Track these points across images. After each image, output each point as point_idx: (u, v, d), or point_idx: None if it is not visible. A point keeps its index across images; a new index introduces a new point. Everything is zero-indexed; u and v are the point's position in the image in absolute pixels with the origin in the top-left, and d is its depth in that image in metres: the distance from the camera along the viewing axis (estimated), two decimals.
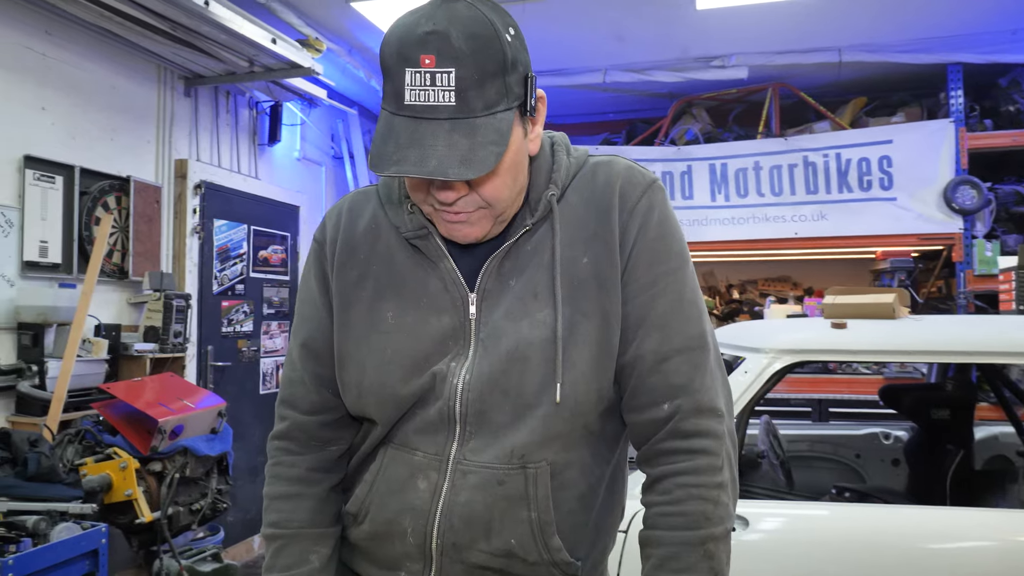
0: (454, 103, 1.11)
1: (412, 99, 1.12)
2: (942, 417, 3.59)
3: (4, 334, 3.93)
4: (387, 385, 1.29)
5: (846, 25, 5.67)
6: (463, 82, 1.11)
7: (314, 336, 1.39)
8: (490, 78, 1.13)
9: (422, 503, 1.28)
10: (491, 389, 1.25)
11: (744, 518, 2.64)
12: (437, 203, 1.21)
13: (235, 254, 5.62)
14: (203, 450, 3.71)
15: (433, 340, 1.29)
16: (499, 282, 1.29)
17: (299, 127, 6.61)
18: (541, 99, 1.27)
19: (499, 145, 1.14)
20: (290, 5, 5.12)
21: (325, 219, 1.44)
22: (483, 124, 1.13)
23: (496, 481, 1.25)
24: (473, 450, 1.26)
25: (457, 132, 1.12)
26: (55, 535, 2.81)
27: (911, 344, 2.85)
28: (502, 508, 1.25)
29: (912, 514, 2.78)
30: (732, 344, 3.08)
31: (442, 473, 1.27)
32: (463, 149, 1.11)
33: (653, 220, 1.29)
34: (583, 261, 1.28)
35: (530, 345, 1.25)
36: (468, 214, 1.22)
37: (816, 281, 7.56)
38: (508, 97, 1.16)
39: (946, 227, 6.06)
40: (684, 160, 6.75)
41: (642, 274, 1.27)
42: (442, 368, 1.27)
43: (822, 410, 5.70)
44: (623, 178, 1.31)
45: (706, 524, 1.21)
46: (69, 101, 4.38)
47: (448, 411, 1.26)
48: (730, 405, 1.32)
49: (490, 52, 1.13)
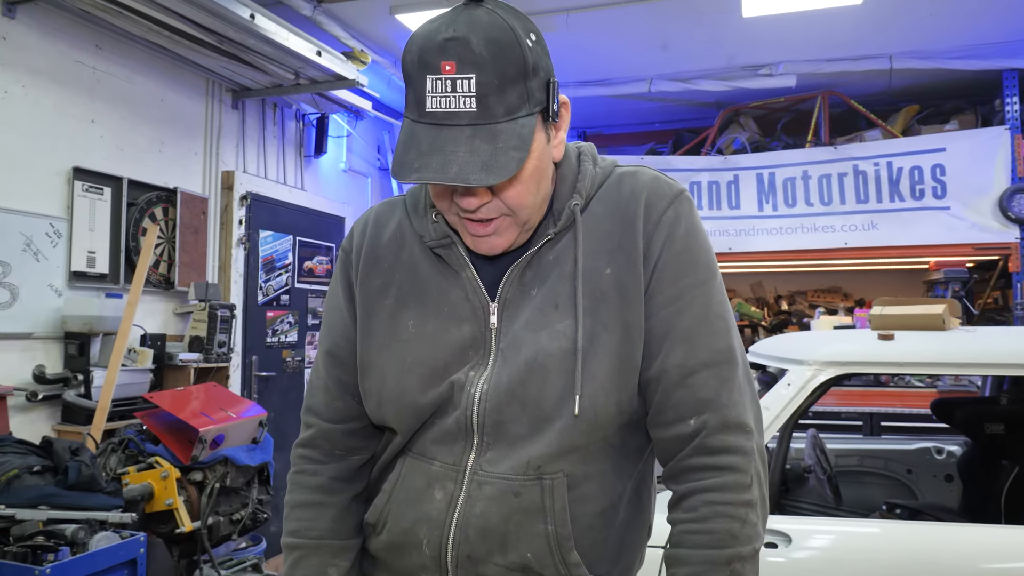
0: (475, 109, 1.10)
1: (433, 106, 1.11)
2: (996, 432, 3.46)
3: (51, 343, 4.00)
4: (406, 394, 1.28)
5: (896, 31, 5.55)
6: (484, 87, 1.10)
7: (339, 344, 1.39)
8: (511, 83, 1.12)
9: (438, 513, 1.26)
10: (509, 399, 1.23)
11: (786, 534, 2.57)
12: (461, 211, 1.20)
13: (280, 265, 5.68)
14: (244, 460, 3.72)
15: (452, 349, 1.28)
16: (520, 292, 1.28)
17: (345, 139, 6.68)
18: (564, 105, 1.25)
19: (521, 150, 1.12)
20: (335, 18, 5.17)
21: (352, 229, 1.44)
22: (505, 130, 1.12)
23: (512, 492, 1.23)
24: (490, 461, 1.25)
25: (478, 138, 1.11)
26: (94, 544, 2.84)
27: (961, 356, 2.75)
28: (518, 520, 1.23)
29: (965, 532, 2.68)
30: (775, 356, 3.01)
31: (458, 483, 1.26)
32: (484, 155, 1.10)
33: (679, 232, 1.26)
34: (606, 272, 1.25)
35: (549, 356, 1.23)
36: (493, 222, 1.21)
37: (867, 292, 7.40)
38: (530, 102, 1.15)
39: (1002, 236, 5.89)
40: (731, 169, 6.66)
41: (668, 286, 1.25)
42: (460, 377, 1.26)
43: (873, 424, 5.57)
44: (649, 189, 1.29)
45: (733, 543, 1.17)
46: (118, 114, 4.46)
47: (466, 420, 1.25)
48: (759, 421, 1.27)
49: (511, 57, 1.12)
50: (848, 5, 5.00)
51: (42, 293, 3.95)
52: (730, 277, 7.70)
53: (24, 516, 2.81)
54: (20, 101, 3.90)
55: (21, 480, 2.96)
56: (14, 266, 3.81)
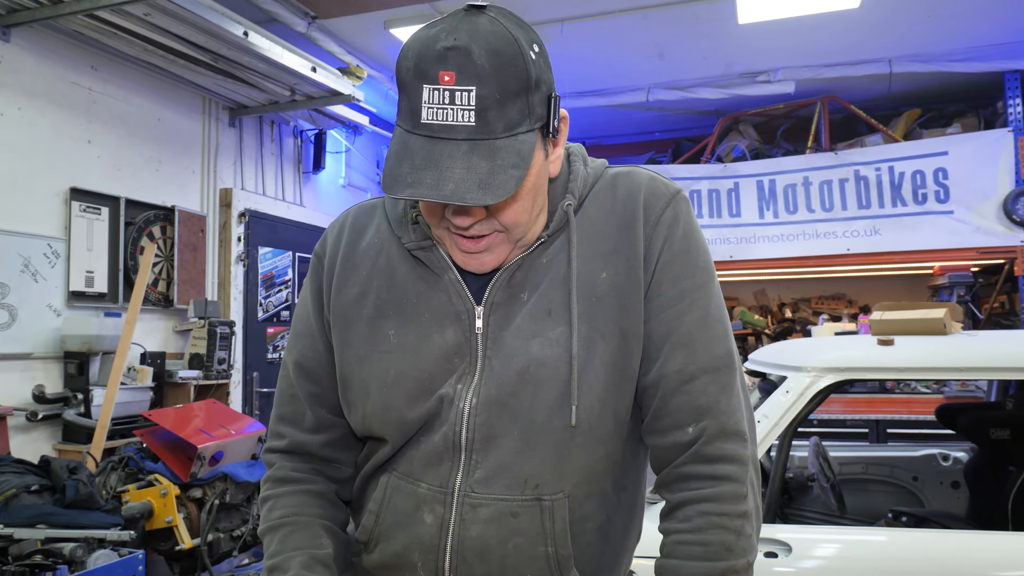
0: (474, 123, 1.05)
1: (429, 117, 1.05)
2: (1002, 437, 3.42)
3: (51, 363, 4.00)
4: (392, 409, 1.21)
5: (895, 35, 5.53)
6: (484, 101, 1.04)
7: (307, 355, 1.32)
8: (512, 98, 1.06)
9: (430, 538, 1.20)
10: (499, 412, 1.17)
11: (786, 543, 2.53)
12: (453, 227, 1.15)
13: (280, 281, 5.67)
14: (243, 476, 3.70)
15: (436, 358, 1.21)
16: (509, 296, 1.21)
17: (344, 154, 6.68)
18: (564, 120, 1.19)
19: (520, 169, 1.07)
20: (330, 33, 5.17)
21: (326, 233, 1.37)
22: (503, 146, 1.07)
23: (510, 513, 1.17)
24: (480, 481, 1.18)
25: (476, 154, 1.05)
26: (92, 562, 2.82)
27: (962, 361, 2.71)
28: (517, 543, 1.17)
29: (973, 540, 2.63)
30: (774, 363, 2.98)
31: (447, 506, 1.19)
32: (482, 172, 1.05)
33: (678, 233, 1.21)
34: (601, 276, 1.20)
35: (542, 366, 1.17)
36: (485, 239, 1.15)
37: (872, 298, 7.36)
38: (531, 118, 1.09)
39: (1007, 240, 5.85)
40: (731, 177, 6.64)
41: (667, 289, 1.20)
42: (449, 392, 1.19)
43: (879, 431, 5.52)
44: (646, 189, 1.23)
45: (727, 556, 1.13)
46: (115, 134, 4.47)
47: (453, 437, 1.19)
48: (754, 429, 1.23)
49: (513, 71, 1.06)
50: (846, 9, 4.99)
51: (41, 313, 3.95)
52: (732, 285, 7.67)
53: (22, 535, 2.80)
54: (16, 123, 3.91)
55: (19, 499, 2.95)
56: (12, 287, 3.81)
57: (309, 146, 6.19)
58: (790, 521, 3.24)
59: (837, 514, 3.28)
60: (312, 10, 4.88)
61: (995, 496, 3.36)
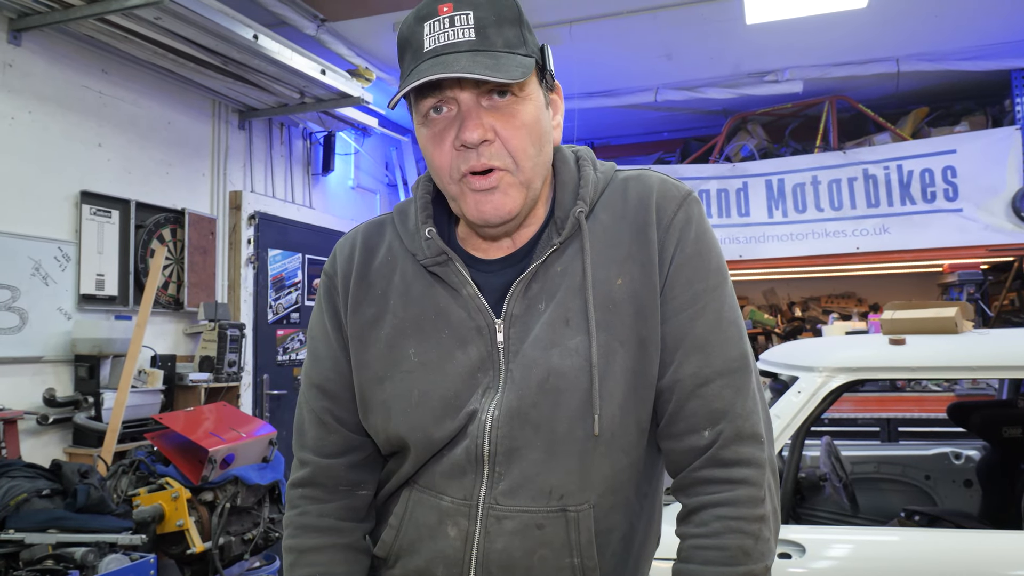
0: (474, 38, 1.11)
1: (431, 44, 1.12)
2: (1014, 435, 3.41)
3: (61, 366, 4.01)
4: (417, 429, 1.21)
5: (903, 33, 5.52)
6: (482, 21, 1.11)
7: (329, 377, 1.31)
8: (508, 23, 1.14)
9: (454, 552, 1.19)
10: (521, 424, 1.16)
11: (800, 544, 2.53)
12: (463, 149, 1.14)
13: (290, 283, 5.68)
14: (254, 479, 3.71)
15: (461, 376, 1.20)
16: (527, 307, 1.21)
17: (353, 156, 6.69)
18: (558, 90, 1.25)
19: (524, 68, 1.12)
20: (339, 36, 5.18)
21: (336, 251, 1.36)
22: (505, 57, 1.12)
23: (535, 525, 1.16)
24: (505, 493, 1.17)
25: (480, 56, 1.10)
26: (103, 567, 2.82)
27: (974, 359, 2.70)
28: (543, 555, 1.17)
29: (986, 538, 2.62)
30: (785, 363, 2.97)
31: (472, 519, 1.19)
32: (488, 64, 1.09)
33: (691, 235, 1.21)
34: (617, 283, 1.19)
35: (562, 376, 1.16)
36: (493, 174, 1.15)
37: (882, 297, 7.33)
38: (526, 47, 1.16)
39: (1016, 237, 5.82)
40: (740, 177, 6.62)
41: (680, 292, 1.19)
42: (475, 407, 1.19)
43: (890, 430, 5.50)
44: (658, 192, 1.23)
45: (745, 560, 1.12)
46: (125, 137, 4.48)
47: (476, 450, 1.18)
48: (771, 431, 1.22)
49: (505, 2, 1.15)
50: (853, 8, 4.97)
51: (51, 317, 3.96)
52: (742, 284, 7.65)
53: (33, 540, 2.80)
54: (27, 127, 3.92)
55: (30, 504, 2.95)
56: (23, 291, 3.82)
57: (318, 148, 6.20)
58: (803, 521, 3.23)
59: (850, 514, 3.28)
60: (321, 13, 4.89)
61: (1008, 494, 3.35)
